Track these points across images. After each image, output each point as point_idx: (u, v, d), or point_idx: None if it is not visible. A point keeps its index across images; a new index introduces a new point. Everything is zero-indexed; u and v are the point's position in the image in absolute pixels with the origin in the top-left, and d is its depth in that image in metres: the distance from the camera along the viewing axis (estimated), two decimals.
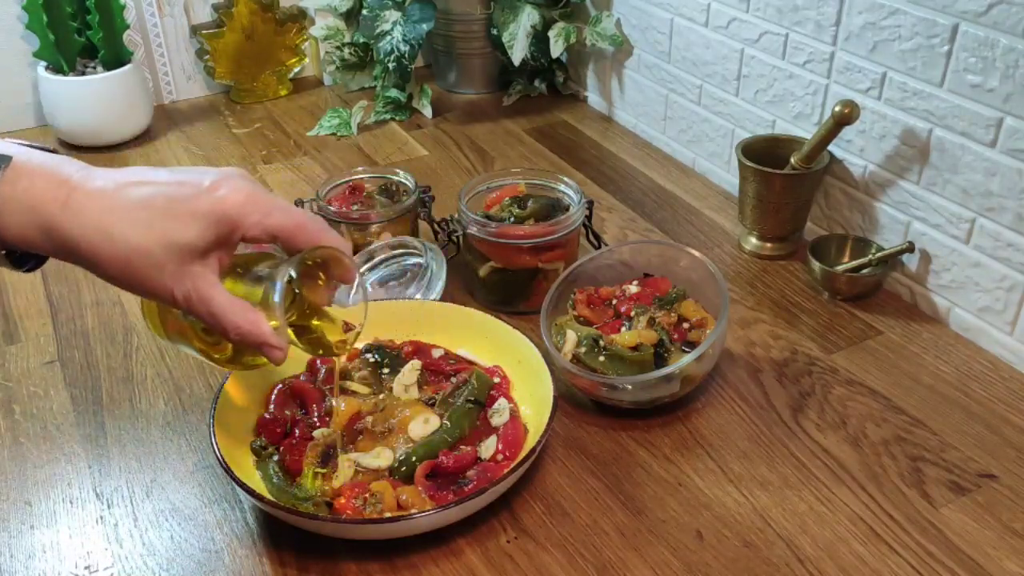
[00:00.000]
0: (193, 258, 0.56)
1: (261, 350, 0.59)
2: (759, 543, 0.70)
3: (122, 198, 0.55)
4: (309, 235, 0.59)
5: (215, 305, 0.57)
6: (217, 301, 0.57)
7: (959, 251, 0.91)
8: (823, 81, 1.01)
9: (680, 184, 1.22)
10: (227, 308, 0.57)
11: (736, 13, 1.10)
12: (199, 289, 0.56)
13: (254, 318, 0.58)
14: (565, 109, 1.44)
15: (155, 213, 0.55)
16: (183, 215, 0.55)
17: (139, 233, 0.54)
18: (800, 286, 1.00)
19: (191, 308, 0.57)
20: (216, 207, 0.55)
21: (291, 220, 0.58)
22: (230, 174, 0.57)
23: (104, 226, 0.54)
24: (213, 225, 0.55)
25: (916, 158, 0.93)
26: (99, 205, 0.54)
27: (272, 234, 0.58)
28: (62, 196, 0.54)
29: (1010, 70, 0.81)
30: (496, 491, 0.70)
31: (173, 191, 0.55)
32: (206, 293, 0.56)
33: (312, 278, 0.64)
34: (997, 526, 0.71)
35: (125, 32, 1.32)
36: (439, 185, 1.18)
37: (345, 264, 0.63)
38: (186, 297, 0.56)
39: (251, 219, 0.56)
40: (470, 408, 0.78)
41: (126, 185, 0.55)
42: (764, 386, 0.86)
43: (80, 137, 1.32)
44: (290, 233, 0.58)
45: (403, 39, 1.34)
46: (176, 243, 0.55)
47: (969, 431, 0.80)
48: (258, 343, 0.59)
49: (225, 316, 0.57)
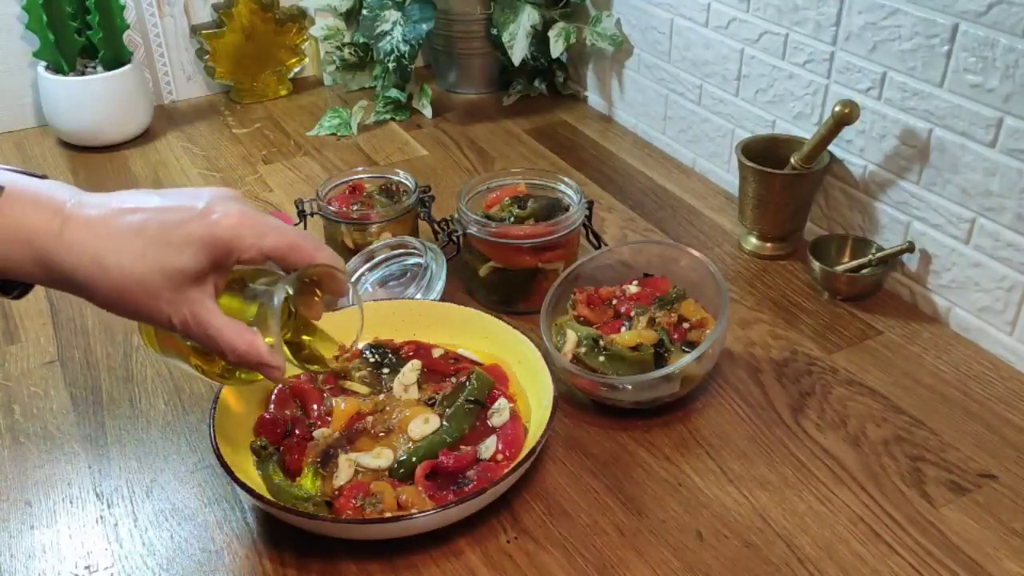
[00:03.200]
0: (189, 283, 0.56)
1: (259, 370, 0.60)
2: (759, 543, 0.70)
3: (115, 227, 0.55)
4: (303, 254, 0.60)
5: (212, 329, 0.57)
6: (214, 325, 0.57)
7: (959, 251, 0.91)
8: (823, 81, 1.01)
9: (680, 184, 1.22)
10: (224, 331, 0.57)
11: (736, 13, 1.10)
12: (196, 314, 0.56)
13: (250, 339, 0.58)
14: (565, 109, 1.44)
15: (149, 241, 0.55)
16: (177, 241, 0.55)
17: (133, 261, 0.54)
18: (800, 286, 1.00)
19: (188, 333, 0.57)
20: (209, 232, 0.55)
21: (285, 241, 0.58)
22: (222, 196, 0.57)
23: (99, 256, 0.54)
24: (207, 249, 0.55)
25: (916, 158, 0.93)
26: (93, 234, 0.54)
27: (267, 255, 0.58)
28: (56, 227, 0.54)
29: (1010, 70, 0.81)
30: (496, 491, 0.70)
31: (166, 217, 0.55)
32: (203, 319, 0.57)
33: (307, 294, 0.64)
34: (997, 526, 0.71)
35: (125, 32, 1.32)
36: (439, 185, 1.18)
37: (339, 280, 0.63)
38: (183, 323, 0.57)
39: (246, 242, 0.57)
40: (470, 408, 0.78)
41: (119, 213, 0.55)
42: (764, 386, 0.86)
43: (80, 137, 1.32)
44: (284, 253, 0.59)
45: (403, 39, 1.34)
46: (171, 270, 0.55)
47: (969, 431, 0.81)
48: (256, 364, 0.59)
49: (222, 339, 0.57)
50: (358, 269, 0.96)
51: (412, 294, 0.92)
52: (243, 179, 1.25)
